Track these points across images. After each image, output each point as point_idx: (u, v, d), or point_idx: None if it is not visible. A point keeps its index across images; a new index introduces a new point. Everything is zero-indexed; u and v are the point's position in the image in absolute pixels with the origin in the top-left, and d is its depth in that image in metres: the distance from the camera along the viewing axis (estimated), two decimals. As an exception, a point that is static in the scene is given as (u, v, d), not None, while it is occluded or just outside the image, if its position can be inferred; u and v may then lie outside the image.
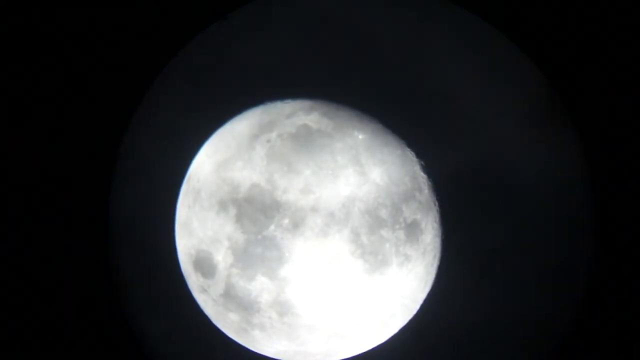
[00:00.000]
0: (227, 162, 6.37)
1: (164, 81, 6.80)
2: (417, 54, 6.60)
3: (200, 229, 6.40)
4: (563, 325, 6.90)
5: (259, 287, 6.20)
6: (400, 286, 6.35)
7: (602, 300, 7.00)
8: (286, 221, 6.10)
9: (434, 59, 6.60)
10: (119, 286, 6.88)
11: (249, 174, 6.24)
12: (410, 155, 6.39)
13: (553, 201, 6.84)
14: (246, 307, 6.31)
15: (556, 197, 6.85)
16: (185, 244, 6.54)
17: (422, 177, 6.41)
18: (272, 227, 6.11)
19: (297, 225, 6.08)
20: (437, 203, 6.47)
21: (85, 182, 7.01)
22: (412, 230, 6.32)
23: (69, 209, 7.03)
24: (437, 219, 6.48)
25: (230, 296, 6.32)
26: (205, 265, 6.40)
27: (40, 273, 7.04)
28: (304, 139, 6.25)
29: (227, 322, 6.53)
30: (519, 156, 6.76)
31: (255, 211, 6.15)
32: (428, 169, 6.42)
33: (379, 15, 6.68)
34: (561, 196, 6.86)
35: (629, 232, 6.96)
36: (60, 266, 7.02)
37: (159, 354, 6.91)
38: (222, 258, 6.27)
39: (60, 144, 7.11)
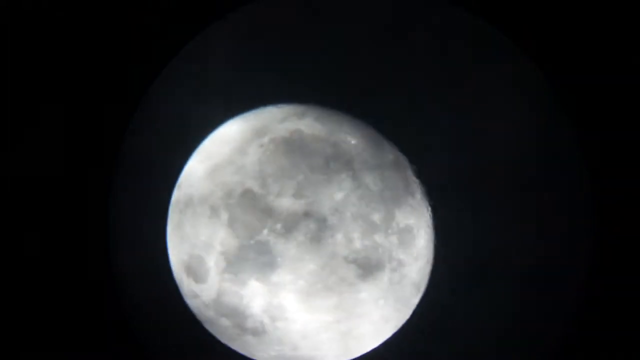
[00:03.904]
0: (219, 167, 6.38)
1: (158, 86, 6.80)
2: (413, 57, 6.56)
3: (192, 234, 6.41)
4: (560, 329, 6.88)
5: (252, 292, 6.22)
6: (393, 291, 6.35)
7: (602, 301, 6.96)
8: (279, 226, 6.10)
9: (429, 62, 6.56)
10: (113, 291, 6.92)
11: (241, 178, 6.24)
12: (403, 160, 6.36)
13: (552, 202, 6.80)
14: (239, 312, 6.33)
15: (555, 198, 6.80)
16: (178, 249, 6.56)
17: (415, 182, 6.38)
18: (265, 232, 6.11)
19: (289, 230, 6.08)
20: (430, 208, 6.45)
21: (83, 184, 7.05)
22: (405, 235, 6.31)
23: (67, 210, 7.07)
24: (430, 223, 6.45)
25: (222, 301, 6.34)
26: (197, 271, 6.42)
27: (38, 274, 7.10)
28: (296, 144, 6.24)
29: (220, 328, 6.55)
30: (516, 158, 6.71)
31: (248, 216, 6.16)
32: (421, 173, 6.39)
33: (376, 17, 6.64)
34: (561, 197, 6.81)
35: (629, 232, 6.91)
36: (55, 268, 7.06)
37: (151, 359, 6.96)
38: (214, 263, 6.28)
39: (58, 145, 7.14)
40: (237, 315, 6.36)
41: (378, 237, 6.19)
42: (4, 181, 7.12)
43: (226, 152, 6.39)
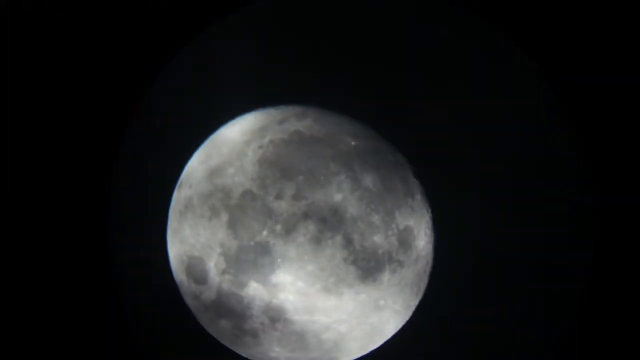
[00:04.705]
0: (219, 169, 6.37)
1: (157, 88, 6.79)
2: (412, 58, 6.55)
3: (192, 235, 6.40)
4: (561, 328, 6.87)
5: (251, 293, 6.21)
6: (392, 293, 6.34)
7: (602, 300, 6.95)
8: (278, 227, 6.09)
9: (429, 63, 6.55)
10: (113, 291, 6.92)
11: (241, 180, 6.23)
12: (403, 161, 6.35)
13: (553, 202, 6.79)
14: (238, 313, 6.32)
15: (556, 198, 6.79)
16: (177, 251, 6.55)
17: (415, 183, 6.37)
18: (265, 233, 6.10)
19: (289, 231, 6.07)
20: (430, 209, 6.44)
21: (83, 184, 7.04)
22: (405, 236, 6.30)
23: (67, 210, 7.07)
24: (430, 225, 6.45)
25: (222, 302, 6.34)
26: (197, 272, 6.41)
27: (38, 274, 7.10)
28: (296, 145, 6.23)
29: (219, 329, 6.54)
30: (516, 159, 6.70)
31: (247, 217, 6.14)
32: (421, 174, 6.38)
33: (376, 19, 6.63)
34: (561, 197, 6.80)
35: (629, 233, 6.90)
36: (56, 268, 7.06)
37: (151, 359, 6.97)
38: (214, 264, 6.28)
39: (58, 144, 7.13)
40: (237, 317, 6.35)
41: (378, 239, 6.17)
42: (4, 181, 7.11)
43: (226, 154, 6.38)
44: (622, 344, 6.98)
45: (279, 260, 6.10)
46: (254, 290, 6.20)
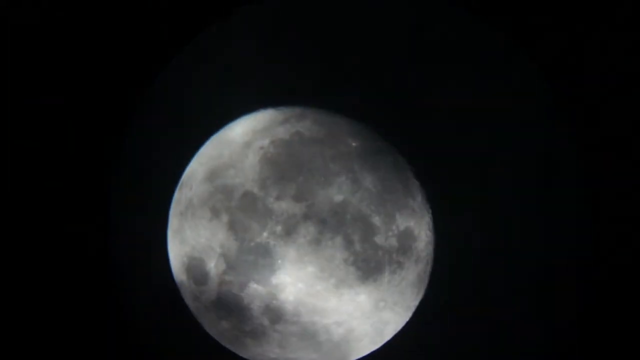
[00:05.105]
0: (219, 170, 6.37)
1: (157, 88, 6.79)
2: (412, 60, 6.55)
3: (192, 236, 6.41)
4: (561, 329, 6.88)
5: (251, 294, 6.21)
6: (393, 293, 6.34)
7: (602, 300, 6.96)
8: (279, 228, 6.09)
9: (429, 64, 6.55)
10: (113, 291, 6.92)
11: (241, 181, 6.23)
12: (403, 161, 6.35)
13: (552, 202, 6.80)
14: (238, 314, 6.33)
15: (556, 198, 6.80)
16: (178, 251, 6.56)
17: (415, 184, 6.37)
18: (265, 234, 6.10)
19: (289, 232, 6.08)
20: (430, 210, 6.44)
21: (81, 185, 7.04)
22: (405, 237, 6.30)
23: (67, 210, 7.07)
24: (431, 226, 6.45)
25: (222, 303, 6.34)
26: (197, 273, 6.41)
27: (38, 274, 7.10)
28: (296, 146, 6.23)
29: (219, 330, 6.55)
30: (516, 159, 6.70)
31: (248, 218, 6.15)
32: (421, 175, 6.38)
33: (376, 20, 6.63)
34: (561, 197, 6.81)
35: (628, 233, 6.91)
36: (56, 268, 7.07)
37: (151, 360, 6.98)
38: (214, 265, 6.28)
39: (59, 144, 7.13)
40: (237, 318, 6.36)
41: (378, 240, 6.18)
42: (5, 181, 7.12)
43: (226, 155, 6.38)
44: (623, 344, 6.98)
45: (279, 261, 6.11)
46: (254, 291, 6.20)
